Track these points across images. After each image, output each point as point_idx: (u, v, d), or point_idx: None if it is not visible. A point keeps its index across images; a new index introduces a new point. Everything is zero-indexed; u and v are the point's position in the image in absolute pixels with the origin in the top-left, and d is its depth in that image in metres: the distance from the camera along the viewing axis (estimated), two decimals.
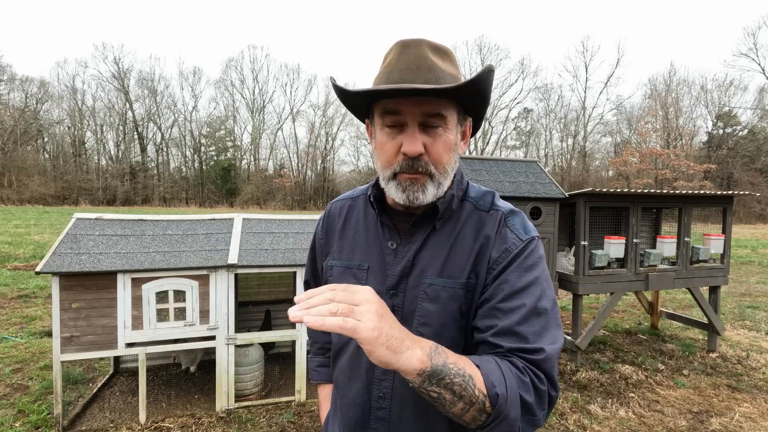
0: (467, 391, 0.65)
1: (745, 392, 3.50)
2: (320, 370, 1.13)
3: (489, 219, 0.86)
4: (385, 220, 0.90)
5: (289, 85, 52.28)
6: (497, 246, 0.82)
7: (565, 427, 2.94)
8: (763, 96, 33.27)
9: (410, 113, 0.77)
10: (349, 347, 0.91)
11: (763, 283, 8.33)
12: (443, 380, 0.64)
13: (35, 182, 32.94)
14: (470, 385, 0.65)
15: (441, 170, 0.80)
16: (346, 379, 0.91)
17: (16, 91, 37.09)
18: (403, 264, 0.85)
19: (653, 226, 4.91)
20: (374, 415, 0.86)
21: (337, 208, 1.03)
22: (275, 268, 3.00)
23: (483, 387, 0.66)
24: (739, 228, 23.37)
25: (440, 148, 0.79)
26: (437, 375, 0.64)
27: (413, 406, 0.83)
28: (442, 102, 0.77)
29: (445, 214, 0.87)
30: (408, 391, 0.82)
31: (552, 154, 41.12)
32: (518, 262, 0.80)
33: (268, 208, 37.22)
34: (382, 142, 0.81)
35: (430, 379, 0.64)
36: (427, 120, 0.77)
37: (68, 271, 2.57)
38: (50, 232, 13.45)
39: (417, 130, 0.77)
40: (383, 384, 0.85)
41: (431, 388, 0.64)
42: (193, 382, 3.45)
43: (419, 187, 0.80)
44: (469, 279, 0.82)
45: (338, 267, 0.95)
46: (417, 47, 0.79)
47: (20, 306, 5.65)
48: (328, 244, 1.01)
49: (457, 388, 0.64)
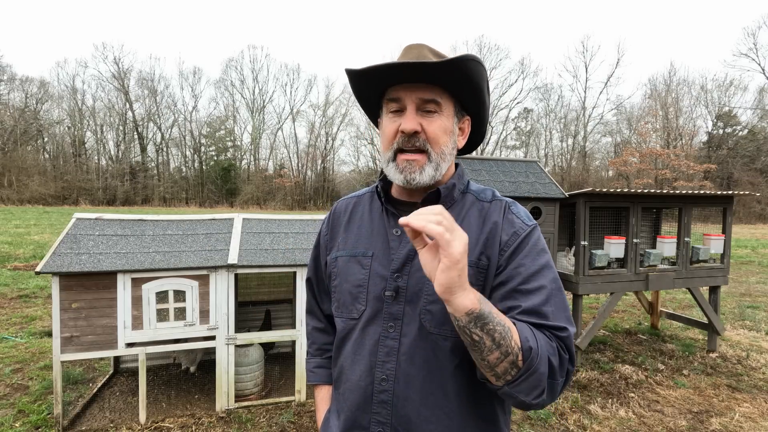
0: (505, 341, 0.70)
1: (745, 392, 3.50)
2: (317, 371, 1.12)
3: (493, 207, 0.91)
4: (391, 208, 0.94)
5: (289, 85, 52.41)
6: (506, 229, 0.87)
7: (565, 427, 2.94)
8: (763, 96, 33.30)
9: (408, 98, 0.85)
10: (354, 332, 0.92)
11: (763, 283, 8.33)
12: (487, 325, 0.69)
13: (35, 182, 32.94)
14: (508, 335, 0.71)
15: (437, 150, 0.86)
16: (350, 363, 0.92)
17: (16, 91, 37.18)
18: (407, 248, 0.88)
19: (653, 226, 4.91)
20: (376, 398, 0.86)
21: (343, 206, 1.07)
22: (275, 268, 3.00)
23: (518, 340, 0.71)
24: (739, 228, 23.37)
25: (436, 128, 0.85)
26: (483, 319, 0.69)
27: (420, 386, 0.84)
28: (436, 90, 0.85)
29: (448, 201, 0.91)
30: (415, 370, 0.84)
31: (552, 154, 41.16)
32: (529, 245, 0.85)
33: (268, 208, 37.22)
34: (385, 126, 0.90)
35: (476, 321, 0.69)
36: (423, 105, 0.85)
37: (68, 271, 2.57)
38: (50, 232, 13.45)
39: (414, 112, 0.85)
40: (386, 366, 0.86)
41: (475, 330, 0.70)
42: (193, 382, 3.45)
43: (417, 168, 0.85)
44: (480, 260, 0.85)
45: (343, 257, 0.97)
46: (418, 48, 0.88)
47: (20, 306, 5.65)
48: (333, 239, 1.04)
49: (497, 336, 0.70)
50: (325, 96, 45.14)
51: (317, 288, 1.14)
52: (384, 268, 0.89)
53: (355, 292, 0.92)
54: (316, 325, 1.16)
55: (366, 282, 0.91)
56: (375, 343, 0.88)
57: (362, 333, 0.90)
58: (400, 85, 0.85)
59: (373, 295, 0.90)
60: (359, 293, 0.92)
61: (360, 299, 0.91)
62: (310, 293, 1.16)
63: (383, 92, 0.90)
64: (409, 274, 0.87)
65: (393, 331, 0.86)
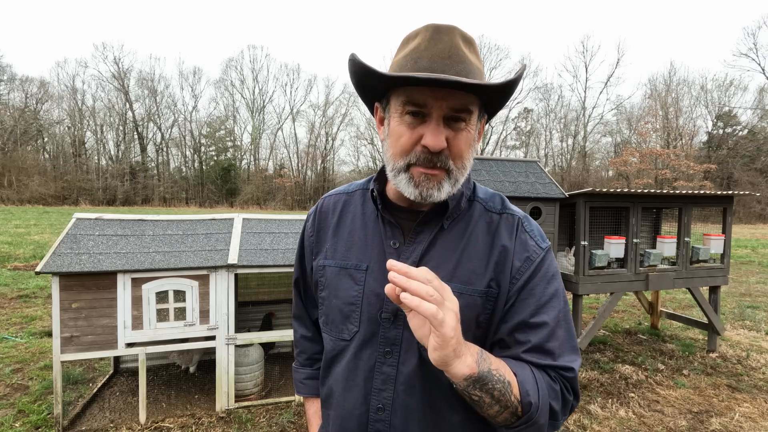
0: (504, 397, 0.68)
1: (745, 392, 3.50)
2: (308, 383, 1.05)
3: (503, 223, 0.83)
4: (388, 216, 0.84)
5: (289, 85, 52.26)
6: (518, 254, 0.80)
7: (565, 427, 2.94)
8: (763, 96, 33.29)
9: (437, 105, 0.71)
10: (346, 354, 0.84)
11: (763, 283, 8.32)
12: (486, 386, 0.67)
13: (35, 182, 32.93)
14: (508, 391, 0.69)
15: (460, 166, 0.75)
16: (342, 389, 0.85)
17: (16, 91, 37.14)
18: (408, 262, 0.79)
19: (653, 226, 4.91)
20: (372, 427, 0.80)
21: (331, 204, 0.95)
22: (275, 268, 3.00)
23: (518, 393, 0.69)
24: (739, 228, 23.37)
25: (462, 144, 0.74)
26: (482, 381, 0.67)
27: (420, 419, 0.79)
28: (470, 97, 0.72)
29: (454, 213, 0.82)
30: (414, 402, 0.78)
31: (552, 154, 41.13)
32: (541, 273, 0.79)
33: (268, 208, 37.21)
34: (399, 132, 0.74)
35: (475, 384, 0.67)
36: (453, 114, 0.72)
37: (68, 271, 2.57)
38: (50, 232, 13.44)
39: (441, 124, 0.72)
40: (383, 394, 0.80)
41: (474, 391, 0.67)
42: (193, 382, 3.45)
43: (435, 184, 0.74)
44: (489, 288, 0.78)
45: (332, 267, 0.87)
46: (450, 34, 0.72)
47: (20, 306, 5.65)
48: (320, 242, 0.93)
49: (497, 393, 0.68)
50: (325, 96, 45.17)
51: (305, 293, 1.05)
52: (380, 285, 0.79)
53: (347, 311, 0.84)
54: (304, 333, 1.08)
55: (359, 300, 0.82)
56: (370, 369, 0.81)
57: (355, 357, 0.83)
58: (428, 88, 0.70)
59: (368, 316, 0.82)
60: (351, 312, 0.83)
61: (352, 319, 0.83)
62: (297, 297, 1.07)
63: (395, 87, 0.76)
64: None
65: (390, 358, 0.79)
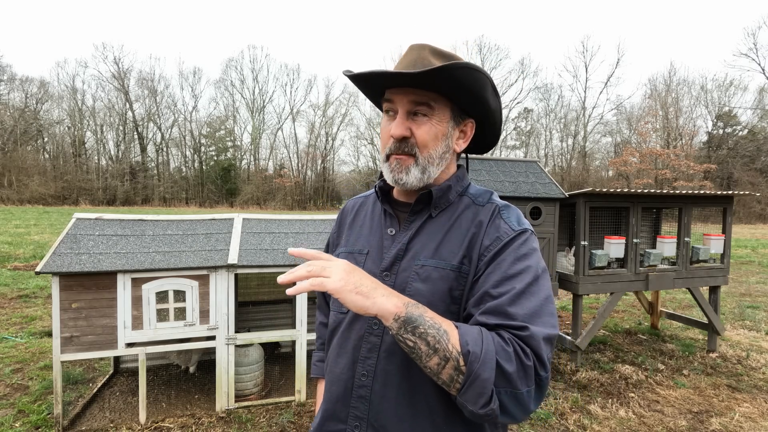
0: (441, 344, 0.68)
1: (745, 392, 3.50)
2: (319, 364, 1.16)
3: (483, 211, 0.90)
4: (388, 209, 0.96)
5: (289, 85, 52.30)
6: (489, 234, 0.85)
7: (565, 427, 2.94)
8: (763, 96, 33.26)
9: (400, 101, 0.86)
10: (342, 325, 0.94)
11: (763, 283, 8.32)
12: (417, 329, 0.69)
13: (35, 182, 32.93)
14: (444, 338, 0.69)
15: (425, 153, 0.87)
16: (335, 355, 0.94)
17: (16, 91, 37.15)
18: (398, 248, 0.90)
19: (653, 226, 4.91)
20: (356, 393, 0.87)
21: (350, 205, 1.12)
22: (275, 268, 3.00)
23: (457, 344, 0.69)
24: (739, 228, 23.36)
25: (424, 133, 0.86)
26: (412, 323, 0.69)
27: (397, 385, 0.83)
28: (429, 93, 0.84)
29: (441, 203, 0.92)
30: (393, 368, 0.83)
31: (552, 154, 41.13)
32: (511, 249, 0.81)
33: (268, 208, 37.21)
34: (382, 128, 0.92)
35: (405, 325, 0.69)
36: (415, 108, 0.85)
37: (68, 271, 2.57)
38: (50, 232, 13.44)
39: (404, 116, 0.86)
40: (368, 362, 0.86)
41: (407, 336, 0.69)
42: (193, 382, 3.45)
43: (403, 168, 0.87)
44: (462, 264, 0.84)
45: (343, 253, 1.01)
46: (420, 49, 0.87)
47: (20, 306, 5.65)
48: (339, 237, 1.09)
49: (431, 339, 0.68)
50: (325, 96, 45.18)
51: None
52: (375, 266, 0.92)
53: None
54: (322, 320, 1.20)
55: None
56: (359, 339, 0.89)
57: (348, 327, 0.92)
58: (396, 88, 0.86)
59: None
60: None
61: None
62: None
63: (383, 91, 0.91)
64: (396, 273, 0.88)
65: (377, 328, 0.88)
